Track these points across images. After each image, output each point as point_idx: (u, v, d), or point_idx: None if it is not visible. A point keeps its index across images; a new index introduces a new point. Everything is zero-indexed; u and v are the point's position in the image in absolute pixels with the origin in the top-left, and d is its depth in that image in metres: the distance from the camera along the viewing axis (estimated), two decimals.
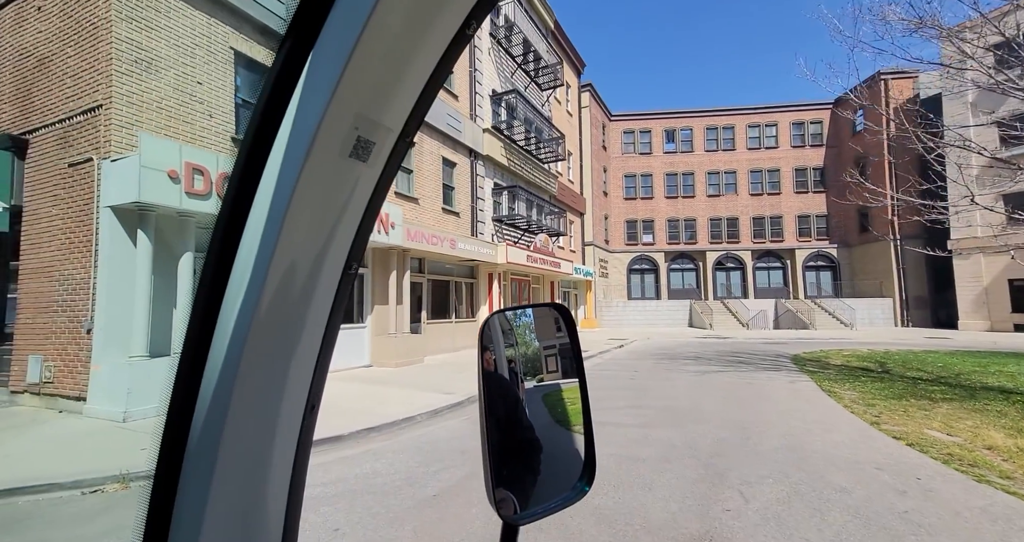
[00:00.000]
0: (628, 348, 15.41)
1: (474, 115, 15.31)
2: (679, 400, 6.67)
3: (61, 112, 6.18)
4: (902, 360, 10.58)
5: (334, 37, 0.39)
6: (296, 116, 0.41)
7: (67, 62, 6.20)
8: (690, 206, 31.79)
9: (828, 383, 7.70)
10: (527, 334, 0.60)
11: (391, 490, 3.57)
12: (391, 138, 0.47)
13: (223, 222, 0.44)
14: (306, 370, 0.49)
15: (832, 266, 29.80)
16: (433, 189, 13.24)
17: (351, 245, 0.49)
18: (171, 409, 0.45)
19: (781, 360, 11.30)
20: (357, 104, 0.41)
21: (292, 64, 0.41)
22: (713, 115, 32.35)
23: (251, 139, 0.43)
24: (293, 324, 0.46)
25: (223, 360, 0.43)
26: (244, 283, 0.43)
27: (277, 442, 0.48)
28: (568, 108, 24.71)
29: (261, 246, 0.42)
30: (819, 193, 30.51)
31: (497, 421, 0.52)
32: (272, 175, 0.42)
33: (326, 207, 0.44)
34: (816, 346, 14.88)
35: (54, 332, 5.94)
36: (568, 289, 24.64)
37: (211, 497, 0.43)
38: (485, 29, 16.29)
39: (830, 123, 30.89)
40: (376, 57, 0.40)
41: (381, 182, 0.49)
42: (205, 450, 0.43)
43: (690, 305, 28.15)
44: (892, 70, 25.60)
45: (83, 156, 5.85)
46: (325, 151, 0.41)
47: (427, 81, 0.45)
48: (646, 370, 9.93)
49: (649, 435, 4.88)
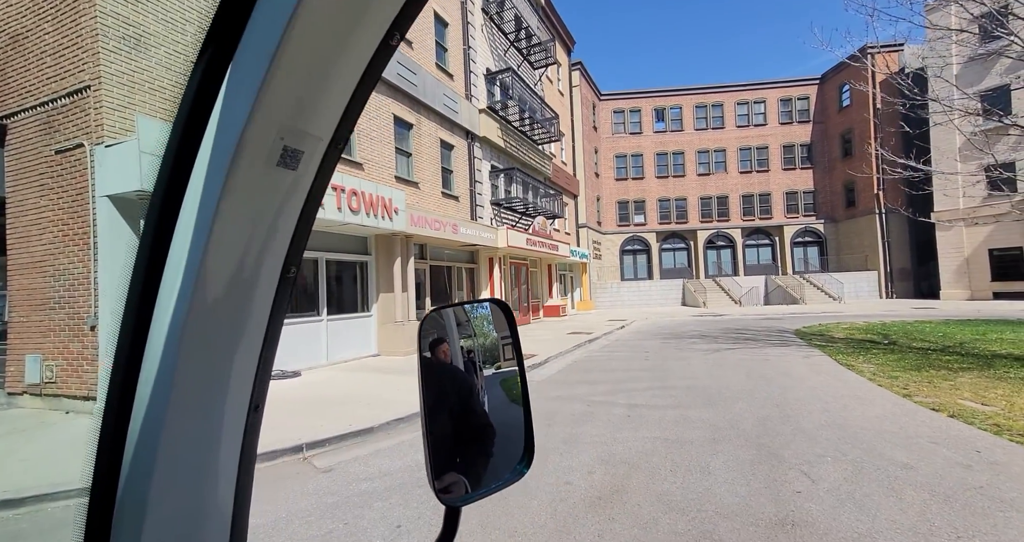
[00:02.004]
0: (630, 328, 15.51)
1: (470, 95, 14.80)
2: (702, 379, 6.68)
3: (43, 94, 5.65)
4: (902, 331, 10.85)
5: (251, 51, 0.40)
6: (218, 127, 0.42)
7: (45, 39, 5.63)
8: (681, 185, 31.81)
9: (842, 357, 7.82)
10: (484, 325, 0.62)
11: None
12: (320, 146, 0.48)
13: (151, 229, 0.45)
14: (248, 371, 0.50)
15: (819, 241, 30.38)
16: (432, 173, 12.85)
17: (287, 250, 0.50)
18: (106, 416, 0.45)
19: (785, 335, 11.48)
20: (280, 115, 0.42)
21: (212, 75, 0.42)
22: (702, 93, 32.11)
23: (175, 148, 0.44)
24: (230, 327, 0.47)
25: (158, 366, 0.43)
26: (175, 291, 0.43)
27: (220, 443, 0.48)
28: (560, 87, 24.17)
29: (191, 253, 0.43)
30: (806, 169, 30.83)
31: (450, 410, 0.53)
32: (198, 185, 0.42)
33: (256, 214, 0.46)
34: (812, 320, 15.19)
35: (52, 330, 5.57)
36: (564, 272, 24.61)
37: (151, 500, 0.43)
38: (477, 3, 15.61)
39: (817, 99, 31.00)
40: (296, 69, 0.41)
41: (314, 188, 0.50)
42: (144, 455, 0.44)
43: (683, 284, 28.48)
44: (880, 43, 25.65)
45: (72, 142, 5.37)
46: (250, 160, 0.42)
47: (354, 90, 0.47)
48: (656, 350, 9.97)
49: (687, 416, 4.85)
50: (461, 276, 14.54)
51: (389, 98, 11.22)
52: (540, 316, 20.03)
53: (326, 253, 9.34)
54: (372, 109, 10.69)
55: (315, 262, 9.17)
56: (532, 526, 2.77)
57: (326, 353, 9.03)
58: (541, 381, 7.21)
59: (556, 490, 3.25)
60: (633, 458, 3.77)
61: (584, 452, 3.95)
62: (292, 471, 3.89)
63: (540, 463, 3.76)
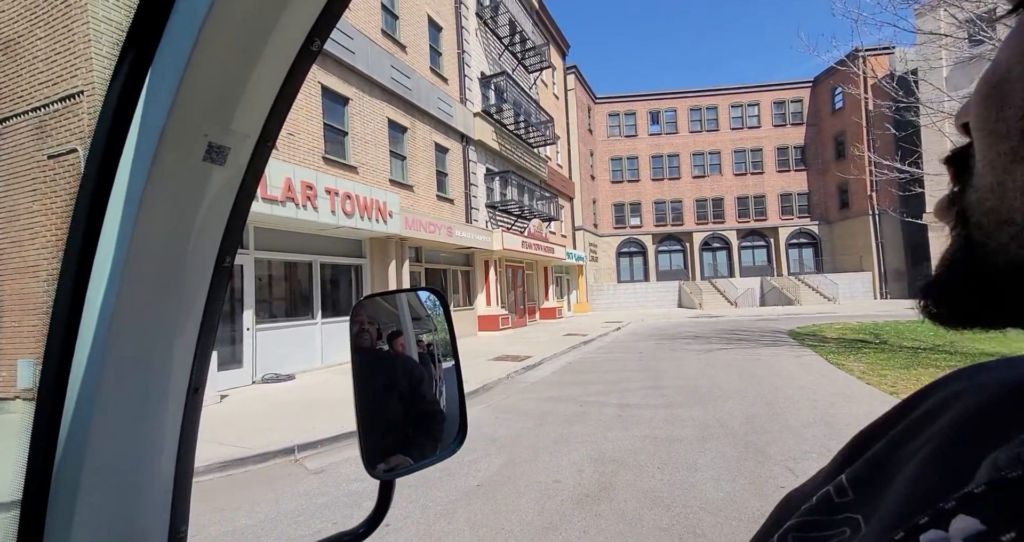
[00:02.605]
0: (626, 330, 15.56)
1: (464, 98, 14.89)
2: (694, 379, 6.73)
3: (34, 100, 5.68)
4: (894, 331, 10.94)
5: (171, 49, 0.42)
6: (141, 124, 0.43)
7: (37, 44, 5.67)
8: (676, 188, 31.98)
9: (833, 356, 7.89)
10: (442, 320, 0.65)
11: (431, 482, 3.48)
12: (248, 143, 0.50)
13: (81, 220, 0.46)
14: (185, 356, 0.52)
15: (814, 243, 30.57)
16: (427, 176, 12.91)
17: (221, 240, 0.52)
18: (38, 409, 0.47)
19: (779, 335, 11.55)
20: (201, 112, 0.45)
21: (135, 72, 0.44)
22: (696, 96, 32.36)
23: (102, 145, 0.45)
24: (164, 315, 0.49)
25: (87, 355, 0.45)
26: (104, 280, 0.45)
27: (159, 425, 0.50)
28: (555, 91, 24.33)
29: (117, 246, 0.44)
30: (800, 171, 31.06)
31: (400, 396, 0.57)
32: (123, 179, 0.44)
33: (184, 207, 0.48)
34: (806, 321, 15.28)
35: (46, 334, 5.56)
36: (561, 274, 24.67)
37: (84, 478, 0.45)
38: (471, 8, 15.74)
39: (810, 102, 31.29)
40: (213, 70, 0.43)
41: (245, 182, 0.52)
42: (79, 435, 0.45)
43: (679, 286, 28.59)
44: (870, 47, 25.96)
45: (65, 147, 5.40)
46: (174, 155, 0.44)
47: (279, 91, 0.49)
48: (651, 351, 10.02)
49: (677, 415, 4.89)
50: (457, 279, 14.58)
51: (383, 102, 11.29)
52: (536, 318, 20.06)
53: (320, 256, 9.36)
54: (366, 113, 10.76)
55: (309, 265, 9.19)
56: (520, 523, 2.80)
57: (321, 356, 9.03)
58: (534, 383, 7.24)
59: (545, 488, 3.28)
60: (622, 456, 3.80)
61: (574, 451, 3.99)
62: (284, 473, 3.90)
63: (530, 462, 3.79)
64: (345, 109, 10.18)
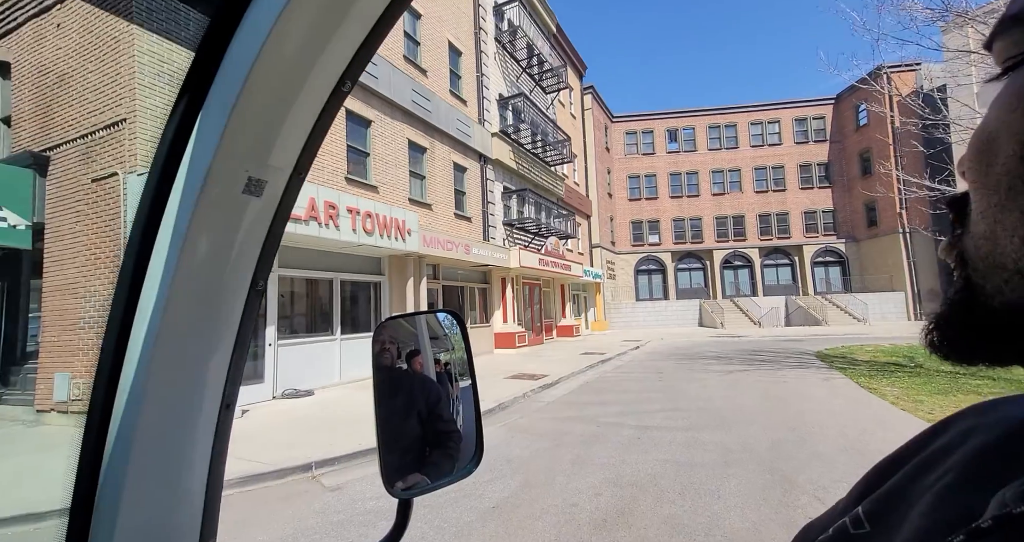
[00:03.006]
0: (645, 349, 15.25)
1: (482, 119, 15.28)
2: (715, 401, 6.52)
3: (83, 127, 6.11)
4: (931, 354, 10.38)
5: (220, 95, 0.47)
6: (191, 159, 0.48)
7: (88, 77, 6.13)
8: (695, 205, 31.69)
9: (864, 379, 7.54)
10: (459, 340, 0.66)
11: (446, 502, 3.44)
12: (283, 176, 0.54)
13: (135, 246, 0.50)
14: (220, 373, 0.55)
15: (841, 261, 29.63)
16: (445, 195, 13.17)
17: (256, 266, 0.56)
18: (90, 414, 0.50)
19: (805, 357, 11.13)
20: (243, 150, 0.49)
21: (189, 113, 0.48)
22: (715, 113, 32.35)
23: (157, 174, 0.50)
24: (202, 334, 0.52)
25: (135, 368, 0.48)
26: (152, 298, 0.48)
27: (194, 438, 0.53)
28: (572, 111, 24.73)
29: (166, 267, 0.48)
30: (824, 188, 30.41)
31: (418, 415, 0.58)
32: (173, 209, 0.48)
33: (224, 235, 0.51)
34: (835, 342, 14.69)
35: (82, 349, 5.82)
36: (578, 292, 24.52)
37: (127, 487, 0.48)
38: (490, 33, 16.31)
39: (833, 118, 30.86)
40: (256, 112, 0.47)
41: (279, 212, 0.56)
42: (122, 449, 0.48)
43: (699, 304, 27.99)
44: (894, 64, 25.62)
45: (107, 171, 5.76)
46: (218, 189, 0.48)
47: (311, 129, 0.53)
48: (671, 371, 9.78)
49: (699, 438, 4.73)
50: (474, 296, 14.65)
51: (404, 124, 11.68)
52: (553, 336, 19.88)
53: (340, 273, 9.58)
54: (387, 134, 11.14)
55: (330, 282, 9.41)
56: None
57: (339, 372, 9.13)
58: (551, 402, 7.13)
59: (562, 511, 3.21)
60: (641, 480, 3.69)
61: (592, 474, 3.89)
62: (301, 489, 3.92)
63: (546, 484, 3.72)
64: (367, 131, 10.57)
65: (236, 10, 0.46)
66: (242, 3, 0.46)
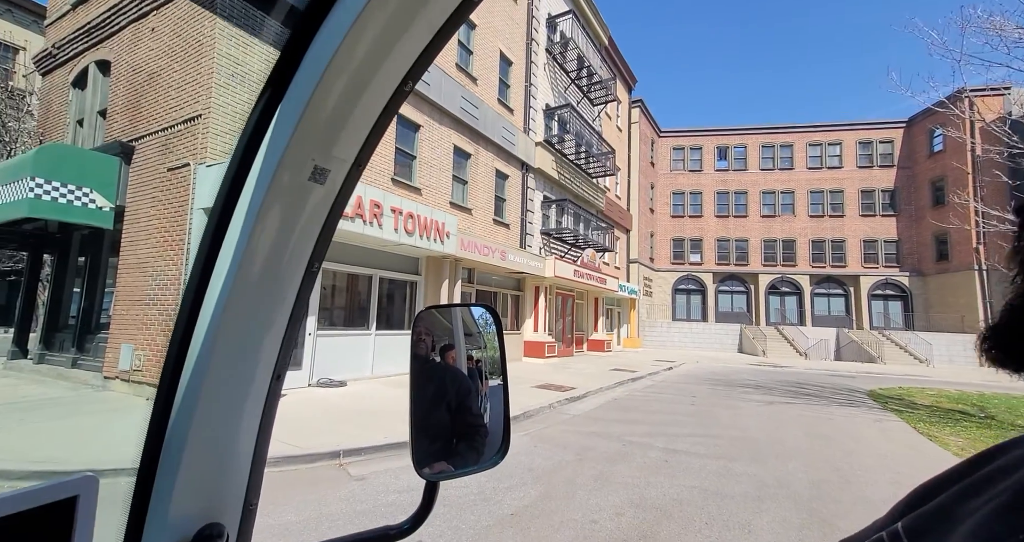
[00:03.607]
0: (678, 371, 14.69)
1: (527, 128, 15.45)
2: (752, 431, 6.17)
3: (164, 121, 6.73)
4: (1005, 405, 9.37)
5: (297, 90, 0.51)
6: (268, 147, 0.52)
7: (172, 76, 6.77)
8: (742, 226, 30.40)
9: (924, 425, 6.89)
10: (494, 339, 0.67)
11: (466, 505, 3.44)
12: (344, 166, 0.58)
13: (212, 225, 0.55)
14: (274, 345, 0.59)
15: (903, 296, 27.40)
16: (486, 200, 13.37)
17: (313, 248, 0.60)
18: (163, 373, 0.55)
19: (856, 395, 10.32)
20: (313, 140, 0.53)
21: (269, 106, 0.53)
22: (769, 132, 31.06)
23: (236, 163, 0.54)
24: (263, 309, 0.56)
25: (202, 340, 0.52)
26: (223, 276, 0.52)
27: (246, 405, 0.57)
28: (618, 123, 24.53)
29: (237, 247, 0.52)
30: (888, 217, 28.35)
31: (448, 406, 0.60)
32: (248, 192, 0.53)
33: (289, 218, 0.55)
34: (891, 382, 13.55)
35: (145, 323, 6.34)
36: (612, 306, 24.04)
37: (187, 450, 0.52)
38: (541, 44, 16.54)
39: (903, 143, 28.84)
40: (326, 108, 0.52)
41: (337, 200, 0.60)
42: (186, 413, 0.52)
43: (740, 330, 26.68)
44: (977, 87, 23.66)
45: (181, 161, 6.30)
46: (288, 174, 0.53)
47: (373, 124, 0.57)
48: (705, 396, 9.35)
49: (731, 468, 4.48)
50: (507, 302, 14.70)
51: (451, 130, 12.00)
52: (584, 349, 19.56)
53: (379, 270, 9.90)
54: (435, 139, 11.49)
55: (369, 278, 9.74)
56: None
57: (371, 366, 9.40)
58: (577, 415, 7.00)
59: (581, 527, 3.13)
60: (666, 505, 3.54)
61: (615, 492, 3.77)
62: (328, 475, 4.05)
63: (567, 497, 3.64)
64: (416, 135, 10.95)
65: (318, 14, 0.51)
66: (324, 7, 0.50)
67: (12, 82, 16.12)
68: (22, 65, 17.12)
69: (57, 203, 6.25)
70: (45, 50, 9.66)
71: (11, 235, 8.88)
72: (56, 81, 9.57)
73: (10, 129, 14.44)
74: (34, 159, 6.18)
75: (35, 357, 8.87)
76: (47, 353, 8.73)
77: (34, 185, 6.00)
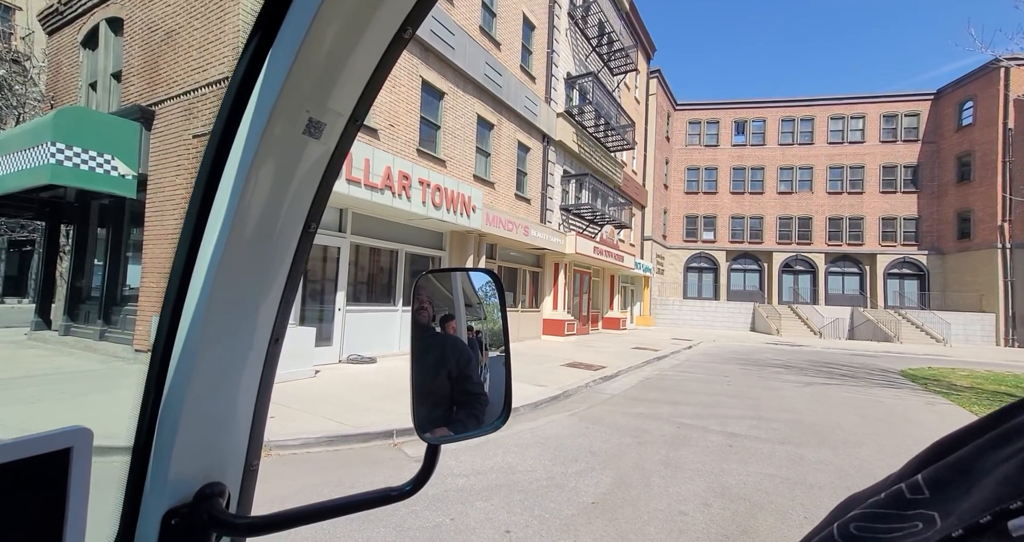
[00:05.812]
0: (698, 350, 14.57)
1: (549, 98, 14.76)
2: (804, 414, 5.99)
3: (186, 84, 6.26)
4: None
5: (288, 35, 0.48)
6: (258, 97, 0.49)
7: (193, 34, 6.25)
8: (757, 203, 29.71)
9: (979, 409, 6.70)
10: (494, 312, 0.66)
11: (540, 490, 3.26)
12: (340, 120, 0.55)
13: (203, 180, 0.52)
14: (271, 308, 0.57)
15: (920, 274, 26.99)
16: (508, 174, 12.89)
17: (310, 206, 0.58)
18: (158, 336, 0.54)
19: (890, 375, 10.15)
20: (306, 90, 0.49)
21: (256, 57, 0.49)
22: (790, 105, 29.87)
23: (226, 114, 0.51)
24: (258, 269, 0.54)
25: (196, 301, 0.51)
26: (216, 232, 0.50)
27: (245, 368, 0.57)
28: (636, 94, 23.57)
29: (229, 202, 0.50)
30: (909, 193, 27.57)
31: (448, 374, 0.59)
32: (240, 140, 0.50)
33: (283, 174, 0.53)
34: (916, 362, 13.39)
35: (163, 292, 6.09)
36: (627, 284, 23.82)
37: (185, 410, 0.51)
38: (564, 7, 15.59)
39: (929, 116, 27.69)
40: (320, 54, 0.48)
41: (334, 157, 0.57)
42: (183, 375, 0.51)
43: (753, 308, 26.51)
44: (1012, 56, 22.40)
45: (207, 128, 5.87)
46: (281, 127, 0.49)
47: (370, 75, 0.54)
48: (737, 376, 9.19)
49: (802, 455, 4.29)
50: (526, 279, 14.44)
51: (474, 98, 11.41)
52: (599, 327, 19.45)
53: (405, 245, 9.60)
54: (459, 108, 10.92)
55: (393, 253, 9.45)
56: None
57: (399, 342, 9.23)
58: (615, 395, 6.84)
59: (671, 519, 2.94)
60: (752, 495, 3.35)
61: (691, 480, 3.58)
62: (385, 455, 3.88)
63: (643, 485, 3.45)
64: (440, 103, 10.39)
65: None
66: None
67: (14, 44, 15.41)
68: (21, 26, 16.31)
69: (79, 170, 5.87)
70: (51, 6, 9.03)
71: (27, 202, 8.55)
72: (64, 41, 8.98)
73: (17, 93, 13.86)
74: (53, 122, 5.75)
75: (60, 329, 8.72)
76: (72, 324, 8.57)
77: (55, 150, 5.60)
